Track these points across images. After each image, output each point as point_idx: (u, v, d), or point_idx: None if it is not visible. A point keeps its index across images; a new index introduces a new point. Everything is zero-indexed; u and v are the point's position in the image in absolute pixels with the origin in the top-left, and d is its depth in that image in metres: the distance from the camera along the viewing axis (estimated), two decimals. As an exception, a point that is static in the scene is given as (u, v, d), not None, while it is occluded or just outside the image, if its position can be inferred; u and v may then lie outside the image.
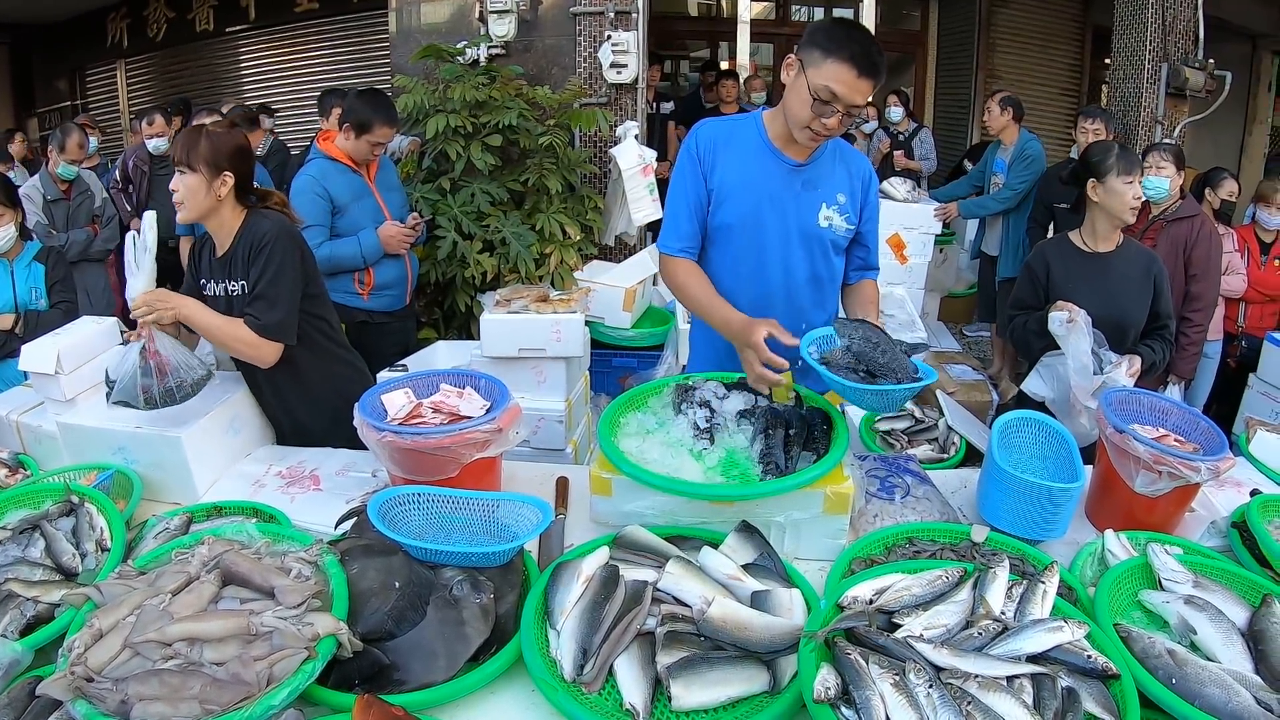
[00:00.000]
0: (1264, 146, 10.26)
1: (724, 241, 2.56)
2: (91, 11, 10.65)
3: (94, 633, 1.52)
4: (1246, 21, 9.05)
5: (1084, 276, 3.17)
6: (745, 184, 2.48)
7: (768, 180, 2.48)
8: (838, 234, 2.53)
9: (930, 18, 11.35)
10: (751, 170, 2.48)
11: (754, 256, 2.53)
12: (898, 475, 2.42)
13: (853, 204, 2.54)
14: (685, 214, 2.55)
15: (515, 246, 5.02)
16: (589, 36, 6.23)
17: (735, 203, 2.50)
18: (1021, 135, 6.07)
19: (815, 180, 2.49)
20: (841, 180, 2.52)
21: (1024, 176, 5.91)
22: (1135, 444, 2.13)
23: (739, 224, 2.51)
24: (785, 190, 2.48)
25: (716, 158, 2.51)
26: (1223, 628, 1.69)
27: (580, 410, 4.32)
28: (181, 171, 2.51)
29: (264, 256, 2.56)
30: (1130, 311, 3.13)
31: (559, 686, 1.56)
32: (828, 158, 2.52)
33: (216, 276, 2.67)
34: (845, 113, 2.27)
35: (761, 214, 2.49)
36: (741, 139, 2.52)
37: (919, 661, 1.44)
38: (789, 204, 2.48)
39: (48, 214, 5.21)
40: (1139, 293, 3.13)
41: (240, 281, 2.61)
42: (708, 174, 2.51)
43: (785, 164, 2.48)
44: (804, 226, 2.50)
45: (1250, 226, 5.03)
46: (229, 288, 2.64)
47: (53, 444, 2.59)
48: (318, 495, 2.42)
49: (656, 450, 2.13)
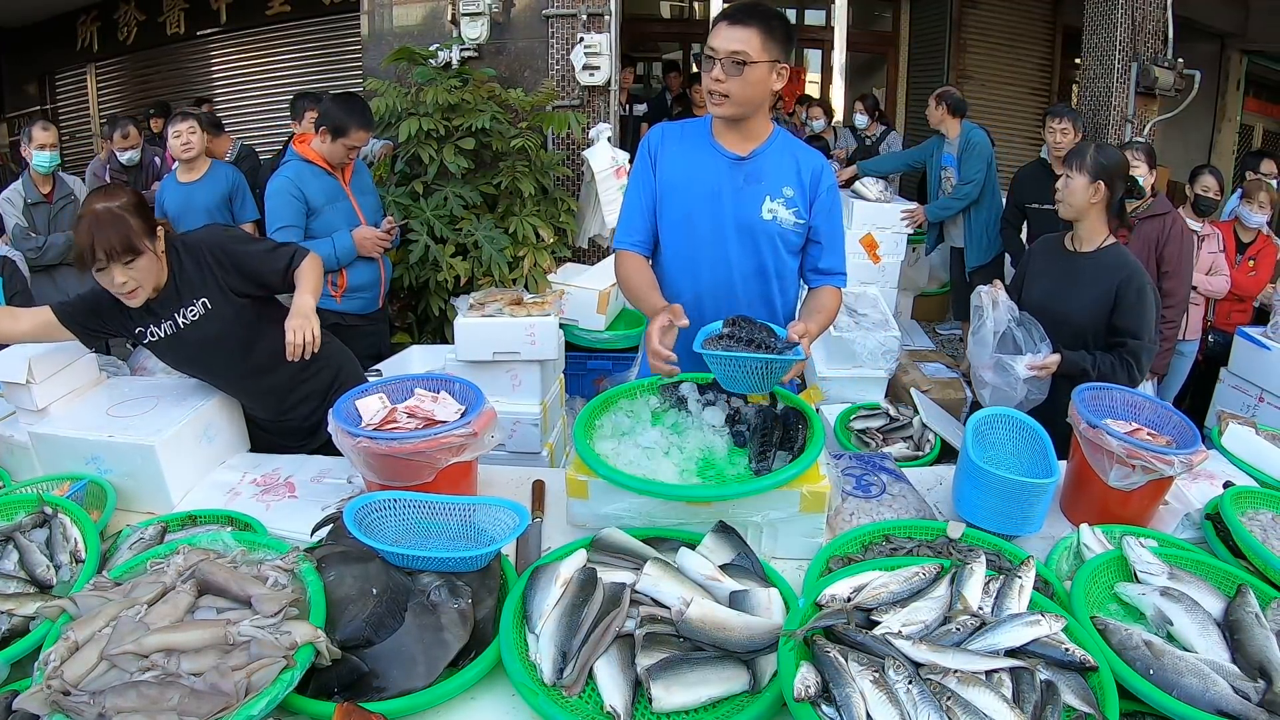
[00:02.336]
0: (1233, 145, 10.40)
1: (670, 237, 2.62)
2: (61, 14, 10.54)
3: (70, 645, 1.50)
4: (1215, 21, 9.18)
5: (1049, 270, 3.21)
6: (686, 180, 2.54)
7: (708, 175, 2.52)
8: (784, 227, 2.55)
9: (902, 19, 11.39)
10: (693, 166, 2.54)
11: (694, 250, 2.58)
12: (874, 473, 2.43)
13: (801, 198, 2.55)
14: (638, 212, 2.63)
15: (488, 250, 5.01)
16: (561, 39, 6.24)
17: (676, 199, 2.56)
18: (963, 126, 6.09)
19: (759, 173, 2.52)
20: (789, 174, 2.54)
21: (975, 166, 5.93)
22: (1109, 439, 2.15)
23: (680, 219, 2.57)
24: (726, 184, 2.52)
25: (664, 156, 2.58)
26: (1198, 618, 1.71)
27: (556, 413, 4.31)
28: (127, 263, 2.35)
29: (224, 246, 2.59)
30: (1077, 314, 3.09)
31: (539, 690, 1.56)
32: (776, 151, 2.54)
33: (160, 316, 2.56)
34: (727, 62, 2.33)
35: (699, 209, 2.54)
36: (691, 138, 2.58)
37: (898, 658, 1.45)
38: (728, 198, 2.52)
39: (28, 217, 5.14)
40: (1096, 298, 3.06)
41: (200, 299, 2.56)
42: (658, 169, 2.58)
43: (727, 158, 2.52)
44: (745, 220, 2.53)
45: (1230, 224, 5.08)
46: (182, 317, 2.56)
47: (25, 454, 2.56)
48: (293, 502, 2.41)
49: (632, 452, 2.13)
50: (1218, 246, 4.91)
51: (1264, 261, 4.93)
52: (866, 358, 4.49)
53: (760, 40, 2.32)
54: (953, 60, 10.51)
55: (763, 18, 2.34)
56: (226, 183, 5.18)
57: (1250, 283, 4.93)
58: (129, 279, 2.37)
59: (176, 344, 2.60)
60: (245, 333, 2.66)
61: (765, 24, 2.33)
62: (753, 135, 2.52)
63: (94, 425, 2.45)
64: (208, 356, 2.66)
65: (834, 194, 2.61)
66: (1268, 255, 4.94)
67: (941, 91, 6.23)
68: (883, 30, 11.69)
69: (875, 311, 4.89)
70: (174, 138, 5.02)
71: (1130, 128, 6.68)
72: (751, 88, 2.37)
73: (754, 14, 2.34)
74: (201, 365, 2.70)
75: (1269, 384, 4.30)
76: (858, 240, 5.78)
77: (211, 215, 5.08)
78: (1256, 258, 4.93)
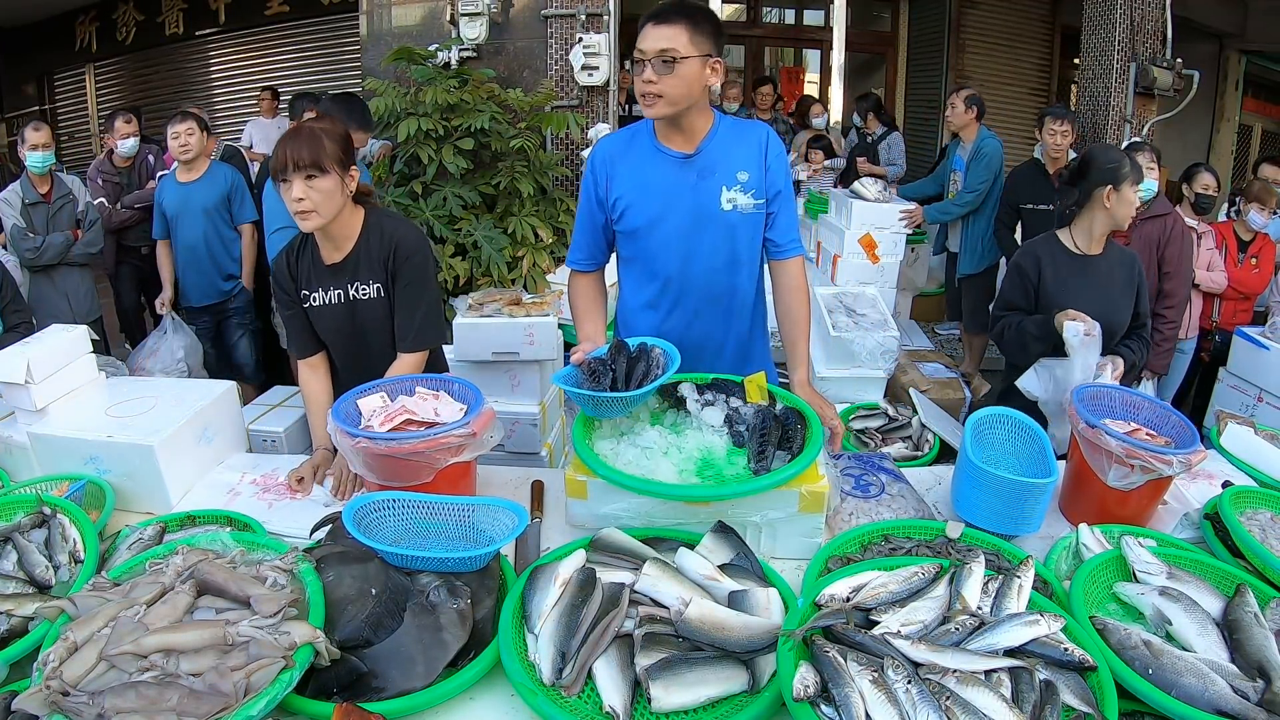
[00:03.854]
0: (1231, 145, 10.40)
1: (635, 245, 2.62)
2: (60, 15, 10.54)
3: (69, 646, 1.50)
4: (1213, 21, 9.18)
5: (1077, 279, 3.16)
6: (642, 189, 2.54)
7: (661, 180, 2.53)
8: (745, 212, 2.54)
9: (901, 19, 11.41)
10: (645, 175, 2.54)
11: (665, 253, 2.59)
12: (872, 473, 2.43)
13: (757, 176, 2.54)
14: (584, 231, 2.71)
15: (487, 250, 5.01)
16: (560, 39, 6.24)
17: (637, 209, 2.56)
18: (980, 133, 6.02)
19: (711, 166, 2.52)
20: (739, 157, 2.53)
21: (981, 175, 5.88)
22: (1108, 439, 2.15)
23: (644, 226, 2.57)
24: (681, 184, 2.52)
25: (613, 171, 2.58)
26: (1197, 618, 1.71)
27: (555, 413, 4.31)
28: (310, 176, 2.40)
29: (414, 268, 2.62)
30: (1119, 313, 3.12)
31: (538, 690, 1.56)
32: (721, 140, 2.53)
33: (331, 282, 2.62)
34: (652, 61, 2.34)
35: (662, 213, 2.54)
36: (636, 146, 2.58)
37: (897, 658, 1.45)
38: (686, 197, 2.52)
39: (26, 218, 5.13)
40: (1125, 294, 3.14)
41: (375, 284, 2.62)
42: (605, 191, 2.59)
43: (673, 159, 2.52)
44: (707, 214, 2.53)
45: (1229, 223, 5.07)
46: (353, 292, 2.62)
47: (24, 455, 2.55)
48: (292, 502, 2.41)
49: (631, 452, 2.13)
50: (1214, 244, 4.91)
51: (1266, 258, 4.93)
52: (865, 358, 4.50)
53: (688, 36, 2.32)
54: (951, 60, 10.53)
55: (687, 14, 2.34)
56: (225, 183, 5.16)
57: (1254, 280, 4.93)
58: (306, 196, 2.40)
59: (344, 311, 2.65)
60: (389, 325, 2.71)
61: (691, 19, 2.33)
62: (695, 131, 2.51)
63: (93, 425, 2.46)
64: (365, 334, 2.70)
65: (781, 159, 2.58)
66: (1269, 252, 4.95)
67: (969, 94, 6.15)
68: (881, 30, 11.71)
69: (874, 311, 4.90)
70: (172, 139, 5.01)
71: (1129, 128, 6.68)
72: (685, 84, 2.36)
73: (678, 11, 2.34)
74: (355, 339, 2.71)
75: (1268, 384, 4.30)
76: (856, 240, 5.77)
77: (210, 215, 5.07)
78: (1259, 255, 4.93)
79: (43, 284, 5.13)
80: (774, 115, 8.19)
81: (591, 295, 2.76)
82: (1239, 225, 4.97)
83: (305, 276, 2.63)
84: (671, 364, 2.27)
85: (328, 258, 2.61)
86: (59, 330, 2.69)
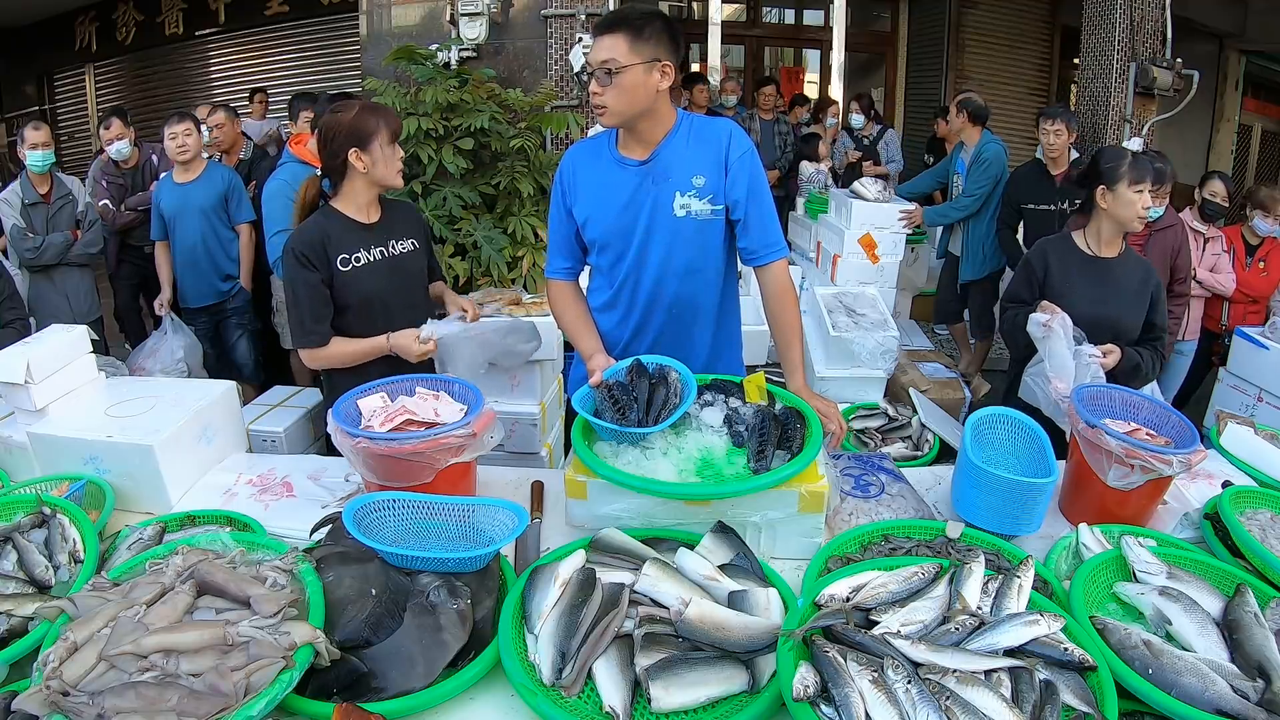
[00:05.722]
0: (1231, 145, 10.41)
1: (599, 254, 2.64)
2: (59, 15, 10.54)
3: (69, 646, 1.50)
4: (1213, 21, 9.19)
5: (1082, 277, 3.15)
6: (600, 200, 2.55)
7: (617, 189, 2.53)
8: (700, 218, 2.51)
9: (900, 19, 11.41)
10: (604, 185, 2.55)
11: (624, 262, 2.59)
12: (872, 473, 2.43)
13: (714, 181, 2.50)
14: (560, 239, 2.72)
15: (487, 250, 5.01)
16: (560, 39, 6.22)
17: (597, 219, 2.57)
18: (983, 137, 6.00)
19: (664, 172, 2.50)
20: (695, 161, 2.50)
21: (981, 180, 5.85)
22: (1107, 438, 2.15)
23: (603, 236, 2.59)
24: (636, 193, 2.51)
25: (577, 181, 2.60)
26: (1197, 618, 1.71)
27: (554, 413, 4.30)
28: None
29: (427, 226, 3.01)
30: (1124, 317, 3.10)
31: (538, 691, 1.56)
32: (678, 144, 2.51)
33: (371, 241, 2.79)
34: (599, 72, 2.36)
35: (618, 222, 2.54)
36: (598, 155, 2.59)
37: (897, 658, 1.45)
38: (642, 203, 2.51)
39: (26, 218, 5.12)
40: (1136, 301, 3.11)
41: (410, 239, 2.91)
42: (572, 202, 2.62)
43: (629, 166, 2.52)
44: (660, 222, 2.51)
45: (1237, 227, 5.09)
46: (393, 248, 2.85)
47: (24, 455, 2.55)
48: (291, 502, 2.41)
49: (631, 452, 2.13)
50: (1222, 247, 4.93)
51: (1273, 262, 4.95)
52: (865, 358, 4.50)
53: (627, 44, 2.32)
54: (951, 60, 10.54)
55: (627, 22, 2.34)
56: (223, 183, 5.15)
57: (1262, 283, 4.95)
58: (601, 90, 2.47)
59: (386, 267, 2.81)
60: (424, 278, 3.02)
61: (630, 27, 2.32)
62: (651, 137, 2.49)
63: (92, 425, 2.46)
64: (408, 288, 2.90)
65: (748, 159, 2.52)
66: (1277, 256, 4.96)
67: (962, 98, 6.13)
68: (881, 30, 11.71)
69: (874, 311, 4.90)
70: (169, 139, 4.99)
71: (1129, 128, 6.67)
72: (627, 93, 2.36)
73: (619, 20, 2.35)
74: (399, 293, 2.86)
75: (1267, 384, 4.31)
76: (856, 240, 5.77)
77: (207, 216, 5.06)
78: (1266, 259, 4.95)
79: (42, 284, 5.13)
80: (777, 116, 8.18)
81: (579, 306, 2.75)
82: (1247, 230, 4.99)
83: (339, 243, 2.69)
84: (688, 391, 2.26)
85: (364, 219, 2.78)
86: (59, 330, 2.69)
